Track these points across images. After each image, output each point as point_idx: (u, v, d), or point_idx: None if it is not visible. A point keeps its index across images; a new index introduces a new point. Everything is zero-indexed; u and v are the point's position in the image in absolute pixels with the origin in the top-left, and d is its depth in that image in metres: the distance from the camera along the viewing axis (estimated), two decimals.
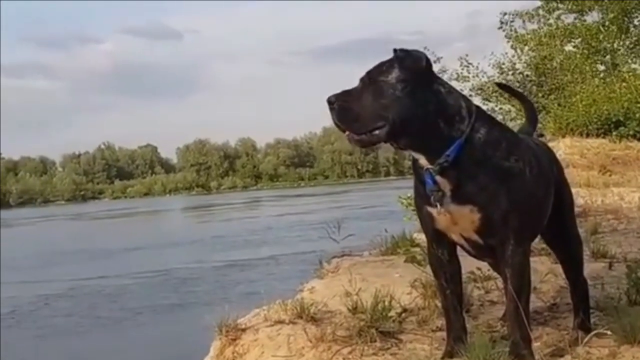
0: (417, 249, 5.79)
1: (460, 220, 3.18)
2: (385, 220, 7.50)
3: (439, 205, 3.14)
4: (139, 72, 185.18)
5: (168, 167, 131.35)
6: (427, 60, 3.09)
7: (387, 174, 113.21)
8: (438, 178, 3.11)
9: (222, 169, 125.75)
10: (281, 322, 3.98)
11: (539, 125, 17.27)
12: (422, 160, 3.13)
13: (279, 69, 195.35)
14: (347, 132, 3.09)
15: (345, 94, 3.09)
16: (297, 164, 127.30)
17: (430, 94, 3.08)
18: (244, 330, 3.97)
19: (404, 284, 4.71)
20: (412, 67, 3.05)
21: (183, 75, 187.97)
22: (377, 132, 3.03)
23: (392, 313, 3.94)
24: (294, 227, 31.70)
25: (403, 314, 4.12)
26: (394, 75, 3.04)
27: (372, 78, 3.07)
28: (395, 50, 3.12)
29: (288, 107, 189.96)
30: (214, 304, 14.53)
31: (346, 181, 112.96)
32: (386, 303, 3.90)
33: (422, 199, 3.26)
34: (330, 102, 3.08)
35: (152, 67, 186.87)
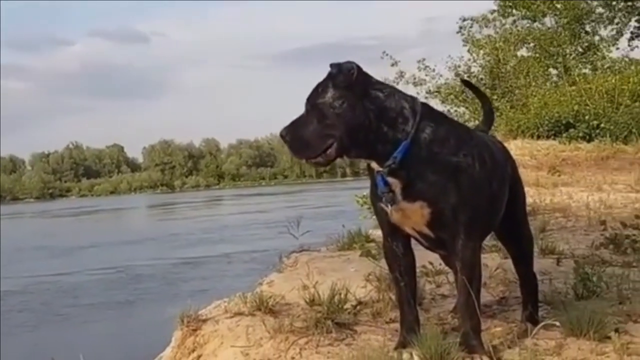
0: (372, 244, 5.93)
1: (412, 216, 3.26)
2: (341, 219, 7.61)
3: (389, 206, 3.24)
4: (107, 74, 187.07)
5: (134, 167, 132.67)
6: (359, 70, 3.16)
7: (344, 174, 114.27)
8: (389, 179, 3.20)
9: (186, 168, 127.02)
10: (241, 313, 4.06)
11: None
12: (374, 164, 3.24)
13: (243, 72, 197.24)
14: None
15: (294, 124, 3.20)
16: (259, 164, 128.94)
17: (369, 102, 3.16)
18: (204, 321, 4.05)
19: (359, 278, 4.80)
20: (345, 81, 3.13)
21: (150, 78, 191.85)
22: (329, 151, 3.14)
23: (347, 305, 4.04)
24: (250, 225, 31.69)
25: (358, 307, 4.20)
26: (329, 94, 3.13)
27: (312, 103, 3.17)
28: (331, 65, 3.20)
29: (251, 109, 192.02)
30: (163, 301, 14.62)
31: (305, 181, 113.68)
32: (342, 296, 4.00)
33: (376, 197, 3.34)
34: (282, 136, 3.22)
35: (120, 69, 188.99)
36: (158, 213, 55.25)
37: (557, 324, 3.47)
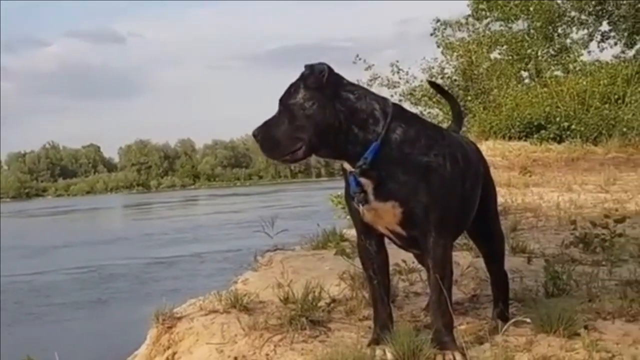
0: (347, 243, 5.97)
1: (385, 215, 3.30)
2: (315, 219, 7.65)
3: (361, 206, 3.28)
4: (84, 74, 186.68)
5: (110, 166, 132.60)
6: (330, 72, 3.20)
7: (319, 175, 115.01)
8: (361, 179, 3.24)
9: (162, 168, 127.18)
10: (215, 311, 4.08)
11: (464, 128, 17.75)
12: (346, 165, 3.28)
13: (219, 73, 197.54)
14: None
15: (266, 124, 3.25)
16: (234, 164, 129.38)
17: (340, 103, 3.19)
18: (179, 319, 4.06)
19: (334, 276, 4.84)
20: (316, 83, 3.17)
21: (126, 78, 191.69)
22: (297, 152, 3.19)
23: (321, 303, 4.06)
24: (224, 225, 31.59)
25: (332, 304, 4.24)
26: (300, 95, 3.17)
27: (284, 103, 3.21)
28: (305, 66, 3.24)
29: (226, 109, 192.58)
30: (135, 300, 14.55)
31: (280, 181, 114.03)
32: (316, 293, 4.02)
33: (351, 196, 3.38)
34: (254, 135, 3.27)
35: (96, 69, 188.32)
36: (133, 213, 54.95)
37: (528, 320, 3.53)
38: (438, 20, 23.69)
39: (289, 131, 3.18)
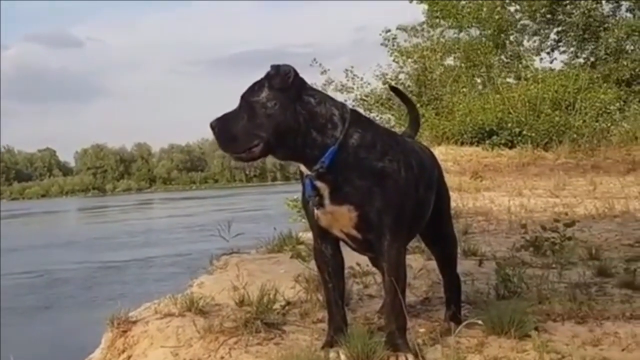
0: (302, 247, 6.00)
1: (340, 219, 3.33)
2: (270, 222, 7.64)
3: (315, 209, 3.32)
4: (41, 78, 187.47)
5: (66, 170, 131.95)
6: (296, 74, 3.24)
7: (274, 179, 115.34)
8: (317, 183, 3.27)
9: (117, 172, 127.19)
10: (171, 314, 4.08)
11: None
12: (302, 168, 3.31)
13: (176, 78, 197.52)
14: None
15: (225, 117, 3.26)
16: (190, 168, 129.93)
17: (301, 106, 3.23)
18: (134, 322, 4.04)
19: (289, 279, 4.86)
20: (281, 84, 3.20)
21: (84, 82, 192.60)
22: (253, 150, 3.20)
23: (276, 306, 4.08)
24: (176, 229, 31.40)
25: (287, 307, 4.26)
26: (264, 94, 3.20)
27: (246, 99, 3.23)
28: (271, 67, 3.27)
29: (183, 114, 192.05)
30: (79, 306, 14.32)
31: (235, 185, 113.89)
32: (271, 296, 4.05)
33: (306, 199, 3.41)
34: (212, 126, 3.27)
35: (54, 73, 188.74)
36: (87, 216, 54.28)
37: (480, 322, 3.57)
38: (388, 31, 23.84)
39: (248, 127, 3.20)
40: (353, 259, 4.48)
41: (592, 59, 21.82)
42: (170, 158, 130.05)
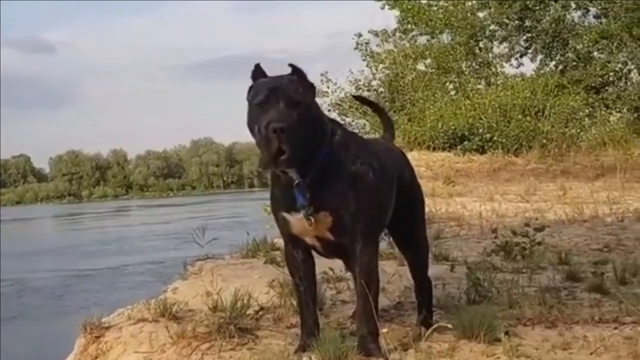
0: (277, 252, 6.01)
1: (317, 225, 3.32)
2: (247, 229, 7.60)
3: (312, 219, 3.26)
4: (14, 84, 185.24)
5: (41, 177, 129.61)
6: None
7: (251, 185, 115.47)
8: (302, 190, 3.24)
9: (93, 178, 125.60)
10: (144, 320, 4.08)
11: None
12: (293, 173, 3.23)
13: (151, 83, 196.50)
14: (282, 157, 3.08)
15: (287, 120, 3.07)
16: (167, 174, 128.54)
17: (319, 111, 3.32)
18: (107, 328, 4.05)
19: (263, 284, 4.89)
20: (312, 87, 3.28)
21: (57, 88, 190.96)
22: (303, 154, 3.13)
23: (250, 311, 4.10)
24: (151, 236, 31.10)
25: (260, 312, 4.27)
26: (310, 96, 3.24)
27: (297, 100, 3.14)
28: (292, 66, 3.25)
29: (159, 119, 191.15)
30: (51, 315, 14.13)
31: (213, 192, 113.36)
32: (244, 301, 4.07)
33: (278, 205, 3.40)
34: (283, 130, 3.04)
35: (27, 79, 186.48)
36: (60, 223, 53.58)
37: (449, 326, 3.60)
38: (360, 35, 23.92)
39: (310, 135, 3.15)
40: (326, 264, 4.51)
41: (561, 66, 22.05)
42: (147, 164, 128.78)
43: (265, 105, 3.12)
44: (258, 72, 3.31)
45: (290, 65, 3.27)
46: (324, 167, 3.24)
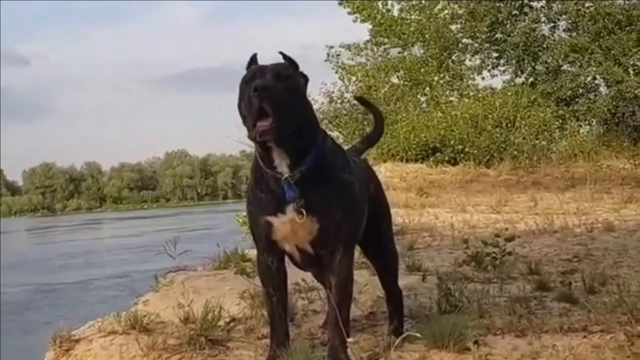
0: (248, 263, 6.00)
1: (300, 231, 3.29)
2: (219, 240, 7.53)
3: (304, 212, 3.22)
4: None
5: (14, 190, 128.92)
6: None
7: (225, 197, 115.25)
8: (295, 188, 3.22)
9: (67, 191, 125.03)
10: (114, 332, 4.05)
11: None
12: (283, 167, 3.22)
13: (125, 96, 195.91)
14: (265, 123, 3.05)
15: (272, 84, 3.10)
16: (141, 187, 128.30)
17: (309, 102, 3.36)
18: (77, 341, 4.01)
19: (234, 296, 4.87)
20: (304, 77, 3.30)
21: (31, 100, 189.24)
22: (290, 127, 3.12)
23: (221, 322, 4.08)
24: (121, 249, 30.82)
25: (231, 323, 4.26)
26: (301, 82, 3.27)
27: (284, 75, 3.18)
28: (283, 54, 3.31)
29: (133, 132, 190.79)
30: (13, 330, 13.87)
31: (187, 204, 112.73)
32: (215, 313, 4.06)
33: (261, 209, 3.35)
34: (266, 88, 3.05)
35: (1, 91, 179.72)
36: (32, 237, 53.05)
37: (419, 335, 3.61)
38: (331, 47, 23.98)
39: (296, 102, 3.16)
40: (298, 274, 4.51)
41: (531, 79, 22.27)
42: (121, 177, 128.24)
43: (252, 80, 3.14)
44: (253, 62, 3.35)
45: (281, 53, 3.31)
46: (313, 169, 3.22)
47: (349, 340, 3.34)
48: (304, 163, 3.21)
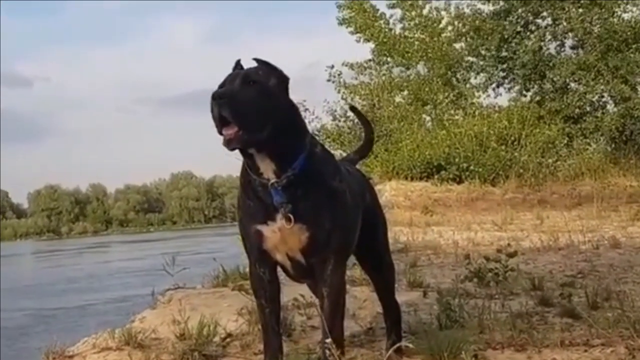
0: (247, 281, 5.95)
1: (289, 239, 3.23)
2: (225, 260, 7.46)
3: (292, 217, 3.15)
4: None
5: (19, 212, 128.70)
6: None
7: (234, 219, 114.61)
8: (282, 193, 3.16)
9: (73, 214, 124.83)
10: (108, 348, 4.03)
11: (367, 169, 18.02)
12: (269, 173, 3.16)
13: (129, 117, 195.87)
14: (230, 132, 3.01)
15: (232, 90, 3.06)
16: (147, 209, 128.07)
17: (290, 105, 3.23)
18: (71, 357, 3.99)
19: (232, 312, 4.83)
20: (281, 78, 3.21)
21: (35, 122, 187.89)
22: (261, 133, 3.04)
23: (216, 338, 4.06)
24: (122, 273, 30.68)
25: (227, 339, 4.22)
26: (273, 82, 3.15)
27: (252, 79, 3.12)
28: (257, 60, 3.24)
29: (137, 153, 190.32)
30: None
31: (194, 226, 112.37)
32: (211, 328, 4.03)
33: (251, 218, 3.29)
34: (222, 95, 3.02)
35: (3, 113, 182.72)
36: (36, 260, 53.01)
37: (411, 345, 3.60)
38: (332, 67, 24.02)
39: (260, 107, 3.06)
40: (296, 290, 4.47)
41: (537, 97, 22.23)
42: (127, 199, 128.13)
43: (222, 87, 3.13)
44: (238, 68, 3.31)
45: (255, 59, 3.26)
46: (301, 175, 3.17)
47: (327, 341, 3.25)
48: (290, 169, 3.16)
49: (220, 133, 3.03)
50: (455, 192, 16.68)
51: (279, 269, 3.49)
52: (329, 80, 23.92)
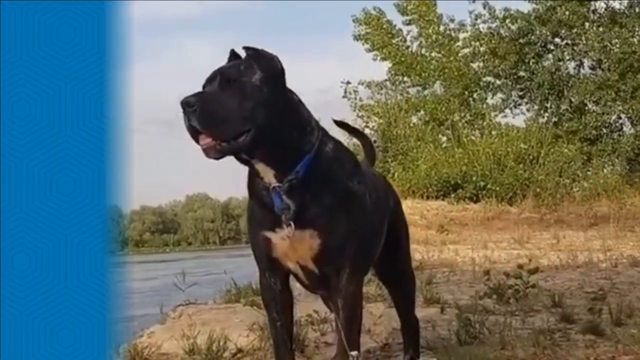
0: (260, 297, 5.83)
1: (299, 247, 2.98)
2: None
3: (292, 225, 2.88)
4: None
5: None
6: (280, 62, 2.90)
7: (248, 241, 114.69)
8: (284, 198, 2.89)
9: None
10: None
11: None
12: (269, 177, 2.91)
13: (141, 138, 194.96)
14: (205, 142, 2.74)
15: (205, 95, 2.78)
16: (162, 230, 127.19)
17: (286, 100, 2.88)
18: None
19: (243, 328, 4.70)
20: (271, 68, 2.86)
21: None
22: (241, 138, 2.73)
23: (226, 353, 3.94)
24: (136, 293, 30.67)
25: (238, 354, 4.11)
26: (257, 76, 2.80)
27: (231, 78, 2.80)
28: (247, 48, 2.91)
29: (151, 174, 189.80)
30: None
31: (209, 247, 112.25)
32: (221, 344, 3.90)
33: (258, 225, 3.06)
34: (189, 103, 2.71)
35: None
36: None
37: None
38: (348, 82, 23.70)
39: (237, 109, 2.72)
40: (309, 306, 4.35)
41: (555, 118, 22.03)
42: (142, 220, 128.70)
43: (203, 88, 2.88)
44: (233, 58, 3.01)
45: (244, 47, 2.94)
46: (305, 178, 2.89)
47: (352, 354, 3.05)
48: (293, 172, 2.89)
49: (197, 143, 2.78)
50: (471, 211, 16.54)
51: (293, 280, 3.25)
52: (344, 97, 23.71)
